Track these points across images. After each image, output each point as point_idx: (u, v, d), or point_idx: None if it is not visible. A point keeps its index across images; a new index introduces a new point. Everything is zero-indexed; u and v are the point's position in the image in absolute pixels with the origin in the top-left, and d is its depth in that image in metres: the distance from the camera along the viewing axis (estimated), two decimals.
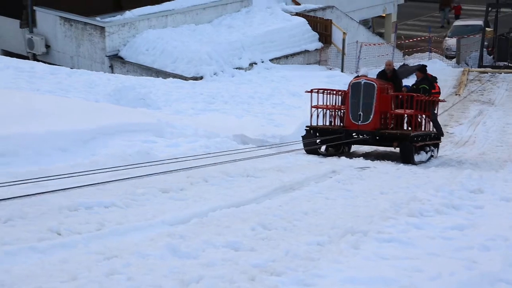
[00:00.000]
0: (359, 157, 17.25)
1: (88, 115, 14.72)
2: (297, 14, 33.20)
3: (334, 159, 16.25)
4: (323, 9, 34.22)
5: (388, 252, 7.71)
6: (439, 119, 20.93)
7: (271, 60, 30.27)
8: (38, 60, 27.66)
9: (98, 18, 29.17)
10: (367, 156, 18.10)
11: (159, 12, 29.86)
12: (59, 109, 14.92)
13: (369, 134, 17.88)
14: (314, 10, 33.91)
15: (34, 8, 29.36)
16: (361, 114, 17.74)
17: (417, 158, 17.63)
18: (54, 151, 12.35)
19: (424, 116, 18.94)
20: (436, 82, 20.41)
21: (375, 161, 16.48)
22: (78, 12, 29.21)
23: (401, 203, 10.38)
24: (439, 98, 20.68)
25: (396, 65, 33.63)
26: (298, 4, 34.77)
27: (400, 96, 18.36)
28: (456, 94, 30.91)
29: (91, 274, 6.71)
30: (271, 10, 33.00)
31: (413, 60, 37.18)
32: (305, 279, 6.79)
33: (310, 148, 17.93)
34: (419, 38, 41.28)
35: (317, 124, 18.57)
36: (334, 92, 18.93)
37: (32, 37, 29.28)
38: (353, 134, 18.14)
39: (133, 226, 8.48)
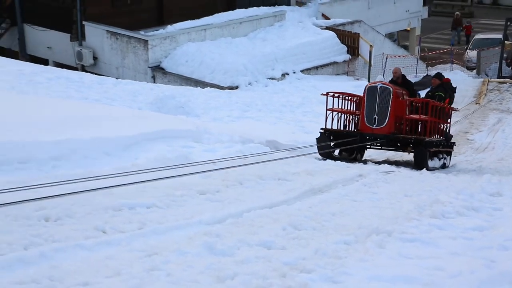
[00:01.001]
0: (383, 162, 17.13)
1: (131, 122, 14.78)
2: (327, 28, 33.13)
3: (360, 164, 16.16)
4: (351, 23, 34.10)
5: (411, 251, 7.65)
6: (460, 126, 20.71)
7: (302, 71, 30.24)
8: (86, 71, 27.86)
9: (142, 32, 29.34)
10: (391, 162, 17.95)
11: (198, 26, 29.95)
12: (105, 116, 15.01)
13: (384, 138, 17.04)
14: (342, 24, 33.82)
15: (83, 23, 29.58)
16: (376, 117, 16.99)
17: (430, 163, 16.94)
18: (100, 155, 12.40)
19: (439, 123, 18.01)
20: (455, 91, 19.49)
21: (400, 166, 16.35)
22: (123, 26, 29.40)
23: (424, 205, 10.31)
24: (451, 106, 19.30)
25: (419, 75, 33.45)
26: (327, 18, 34.70)
27: (414, 102, 17.56)
28: (476, 103, 30.62)
29: (133, 270, 6.73)
30: (302, 25, 32.96)
31: (436, 71, 36.90)
32: (334, 276, 6.75)
33: (324, 151, 17.16)
34: (441, 51, 41.01)
35: (331, 128, 17.65)
36: (350, 97, 18.11)
37: (81, 49, 29.49)
38: (367, 137, 17.24)
39: (172, 225, 8.48)
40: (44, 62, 29.89)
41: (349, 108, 17.99)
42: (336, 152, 17.61)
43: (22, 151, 11.42)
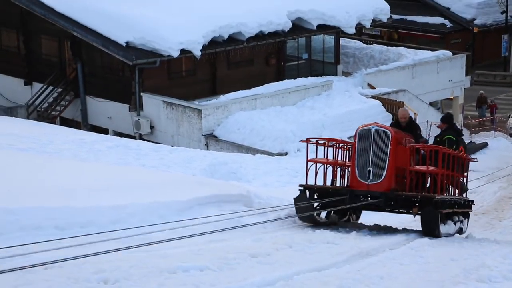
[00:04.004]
0: None
1: (185, 188, 14.84)
2: (373, 97, 33.15)
3: (406, 228, 15.91)
4: (396, 92, 34.08)
5: None
6: (505, 192, 19.76)
7: (349, 138, 30.16)
8: (143, 139, 28.23)
9: (196, 102, 29.72)
10: None
11: (249, 96, 30.23)
12: (161, 182, 15.12)
13: (381, 197, 12.99)
14: (387, 93, 33.82)
15: (141, 94, 30.09)
16: (371, 170, 13.05)
17: (443, 229, 13.36)
18: (156, 219, 12.45)
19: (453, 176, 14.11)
20: (460, 136, 15.18)
21: None
22: (178, 97, 29.83)
23: (471, 269, 10.11)
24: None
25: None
26: (373, 88, 34.74)
27: (422, 150, 13.61)
28: None
29: None
30: (349, 94, 33.04)
31: (479, 138, 36.52)
32: None
33: (305, 214, 13.23)
34: (484, 119, 40.65)
35: (315, 183, 13.88)
36: (338, 144, 14.29)
37: (139, 119, 29.93)
38: (361, 196, 13.30)
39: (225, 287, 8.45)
40: (104, 131, 30.37)
41: (343, 159, 14.17)
42: (323, 214, 13.97)
43: (83, 215, 11.55)
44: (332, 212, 13.87)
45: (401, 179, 13.30)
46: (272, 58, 34.48)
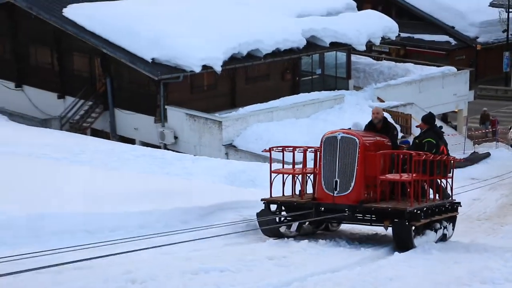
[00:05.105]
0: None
1: (207, 194, 14.87)
2: (382, 109, 33.02)
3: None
4: (404, 105, 33.96)
5: None
6: (507, 199, 19.33)
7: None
8: (168, 149, 28.27)
9: (216, 114, 29.77)
10: None
11: (266, 108, 30.23)
12: (184, 189, 15.16)
13: (348, 209, 11.43)
14: (396, 106, 33.70)
15: (166, 107, 30.17)
16: (338, 181, 11.48)
17: (419, 241, 11.73)
18: (179, 224, 12.47)
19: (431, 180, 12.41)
20: (442, 138, 13.24)
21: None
22: (200, 109, 29.89)
23: (474, 271, 10.04)
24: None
25: (467, 152, 32.73)
26: (382, 101, 34.64)
27: (402, 155, 11.84)
28: None
29: None
30: (359, 106, 32.95)
31: (482, 149, 36.30)
32: None
33: (268, 228, 11.75)
34: (486, 130, 40.42)
35: (283, 195, 12.37)
36: (303, 149, 12.85)
37: (163, 130, 30.00)
38: (326, 209, 11.69)
39: None
40: (132, 141, 30.47)
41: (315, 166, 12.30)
42: (293, 227, 12.32)
43: (112, 220, 11.60)
44: (307, 223, 12.32)
45: (373, 188, 11.66)
46: (288, 73, 34.50)
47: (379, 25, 36.60)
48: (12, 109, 34.29)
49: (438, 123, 34.80)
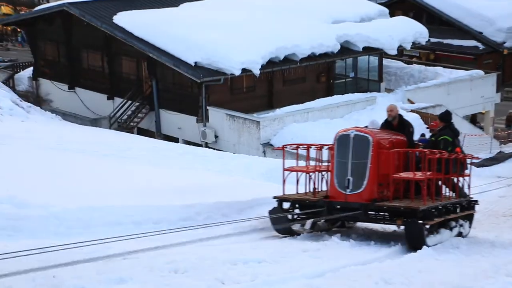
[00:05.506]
0: None
1: (246, 190, 14.90)
2: (412, 111, 32.69)
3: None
4: (433, 106, 33.59)
5: None
6: None
7: None
8: (209, 147, 28.37)
9: (255, 115, 29.78)
10: None
11: (302, 109, 30.16)
12: (225, 184, 15.21)
13: (360, 208, 10.81)
14: (425, 108, 33.37)
15: (207, 107, 30.28)
16: (350, 179, 10.89)
17: (431, 240, 10.95)
18: (220, 217, 12.52)
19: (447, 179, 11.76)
20: (458, 136, 12.46)
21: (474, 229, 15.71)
22: (239, 110, 29.94)
23: (500, 264, 9.90)
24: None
25: (494, 151, 32.23)
26: (412, 103, 34.32)
27: (418, 153, 11.21)
28: None
29: None
30: None
31: (508, 148, 35.77)
32: None
33: (281, 227, 11.22)
34: None
35: (297, 192, 11.78)
36: (317, 147, 12.22)
37: (205, 129, 30.11)
38: (338, 207, 11.06)
39: (280, 278, 8.44)
40: (175, 140, 30.64)
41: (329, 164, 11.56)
42: (307, 225, 11.80)
43: (157, 213, 11.68)
44: (322, 220, 11.68)
45: (386, 187, 11.00)
46: (323, 76, 34.38)
47: (410, 30, 36.25)
48: (65, 109, 34.75)
49: (466, 124, 34.47)
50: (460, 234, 12.33)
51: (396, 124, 12.14)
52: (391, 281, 8.57)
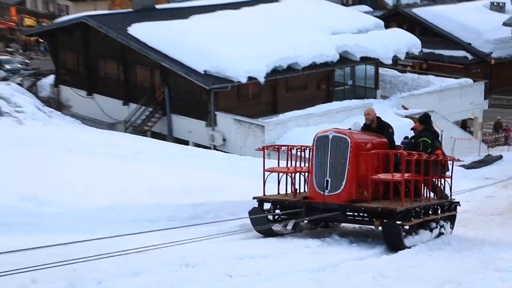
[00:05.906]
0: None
1: (252, 189, 14.87)
2: (406, 116, 32.67)
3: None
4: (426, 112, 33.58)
5: None
6: None
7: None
8: (217, 150, 28.37)
9: (260, 120, 29.78)
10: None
11: (303, 115, 30.14)
12: (232, 184, 15.20)
13: (338, 209, 10.24)
14: (418, 113, 33.21)
15: (216, 113, 30.30)
16: (329, 180, 10.34)
17: (410, 241, 10.46)
18: (227, 215, 12.52)
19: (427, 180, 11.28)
20: (437, 138, 12.03)
21: (464, 227, 15.66)
22: (246, 115, 29.94)
23: (489, 260, 9.87)
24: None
25: (482, 155, 32.15)
26: (406, 109, 34.26)
27: (398, 155, 10.56)
28: None
29: None
30: (386, 114, 32.40)
31: (495, 151, 35.68)
32: None
33: (261, 228, 10.62)
34: (500, 135, 39.81)
35: (278, 193, 11.26)
36: (297, 148, 11.64)
37: (213, 133, 30.12)
38: (317, 208, 10.48)
39: (283, 271, 8.43)
40: (186, 143, 30.63)
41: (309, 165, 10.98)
42: (289, 225, 11.08)
43: (169, 211, 11.68)
44: (304, 221, 10.96)
45: (365, 188, 10.44)
46: (323, 84, 34.39)
47: (404, 41, 36.26)
48: (84, 114, 34.80)
49: (457, 129, 34.41)
50: (440, 235, 11.81)
51: (375, 126, 11.66)
52: (386, 275, 8.56)
